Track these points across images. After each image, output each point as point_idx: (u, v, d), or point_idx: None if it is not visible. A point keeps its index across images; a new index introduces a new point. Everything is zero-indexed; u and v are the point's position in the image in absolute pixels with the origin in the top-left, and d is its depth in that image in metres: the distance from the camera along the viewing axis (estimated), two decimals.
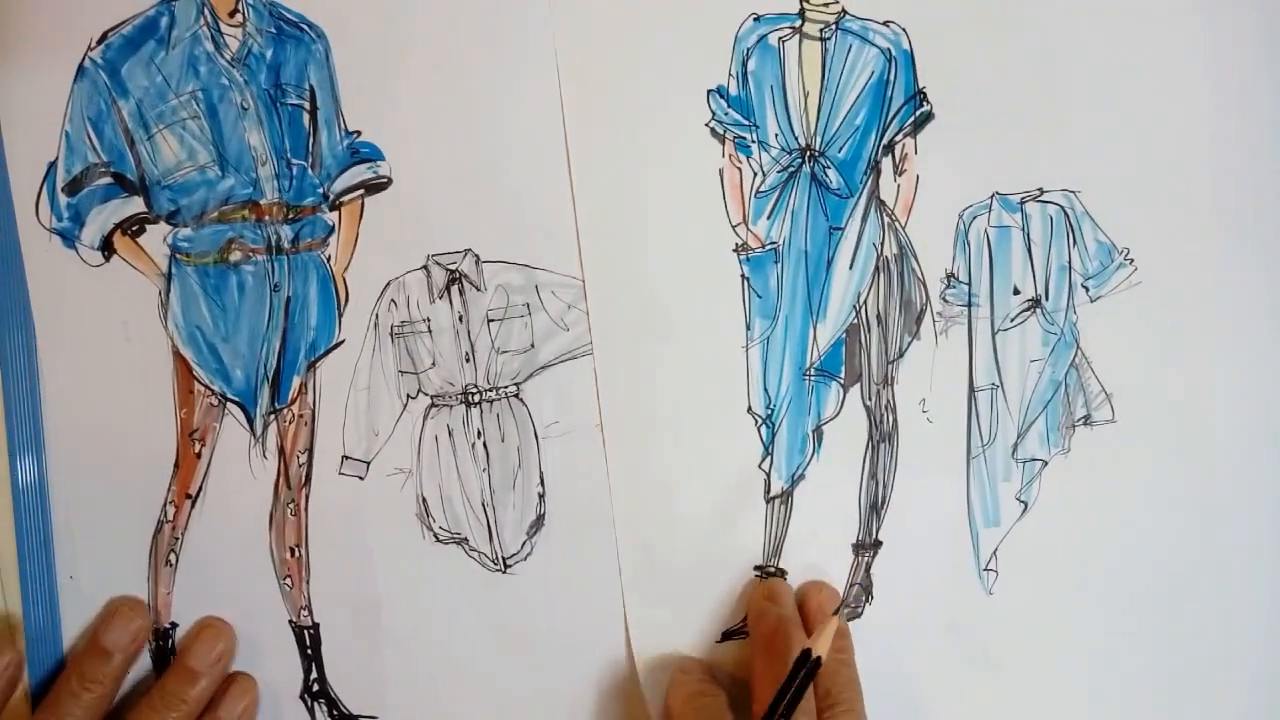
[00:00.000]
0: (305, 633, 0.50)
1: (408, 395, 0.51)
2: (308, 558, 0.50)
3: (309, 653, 0.51)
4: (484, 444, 0.51)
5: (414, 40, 0.49)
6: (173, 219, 0.50)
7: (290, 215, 0.50)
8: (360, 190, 0.50)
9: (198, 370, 0.50)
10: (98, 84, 0.49)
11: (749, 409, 0.51)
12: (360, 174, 0.50)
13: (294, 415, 0.50)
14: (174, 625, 0.50)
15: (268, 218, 0.50)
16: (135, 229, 0.50)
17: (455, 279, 0.50)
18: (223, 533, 0.50)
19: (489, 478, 0.51)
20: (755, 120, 0.50)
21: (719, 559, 0.51)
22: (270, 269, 0.50)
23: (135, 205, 0.50)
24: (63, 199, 0.49)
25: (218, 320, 0.50)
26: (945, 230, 0.51)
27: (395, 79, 0.50)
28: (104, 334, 0.50)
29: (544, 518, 0.50)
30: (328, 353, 0.50)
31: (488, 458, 0.51)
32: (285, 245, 0.50)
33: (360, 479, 0.50)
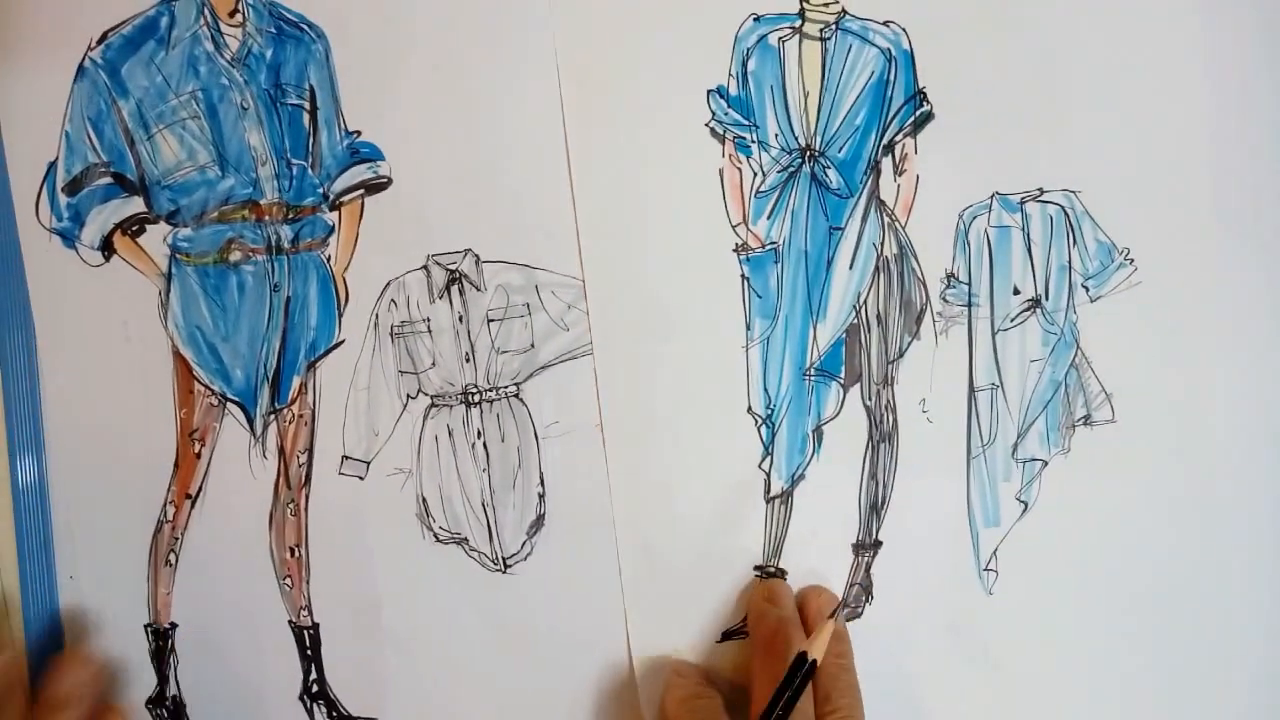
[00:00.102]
0: (305, 633, 0.50)
1: (408, 395, 0.51)
2: (308, 558, 0.50)
3: (309, 653, 0.50)
4: (484, 444, 0.51)
5: (414, 40, 0.49)
6: (173, 219, 0.50)
7: (290, 215, 0.50)
8: (360, 190, 0.50)
9: (198, 370, 0.50)
10: (98, 84, 0.49)
11: (749, 409, 0.51)
12: (360, 174, 0.50)
13: (294, 415, 0.50)
14: (174, 625, 0.50)
15: (268, 218, 0.50)
16: (135, 229, 0.50)
17: (455, 279, 0.50)
18: (223, 533, 0.50)
19: (489, 478, 0.51)
20: (755, 120, 0.50)
21: (719, 559, 0.51)
22: (270, 269, 0.50)
23: (135, 205, 0.50)
24: (63, 199, 0.49)
25: (218, 320, 0.50)
26: (945, 230, 0.51)
27: (395, 79, 0.50)
28: (104, 334, 0.50)
29: (544, 518, 0.50)
30: (328, 353, 0.50)
31: (488, 458, 0.51)
32: (285, 245, 0.50)
33: (360, 479, 0.50)
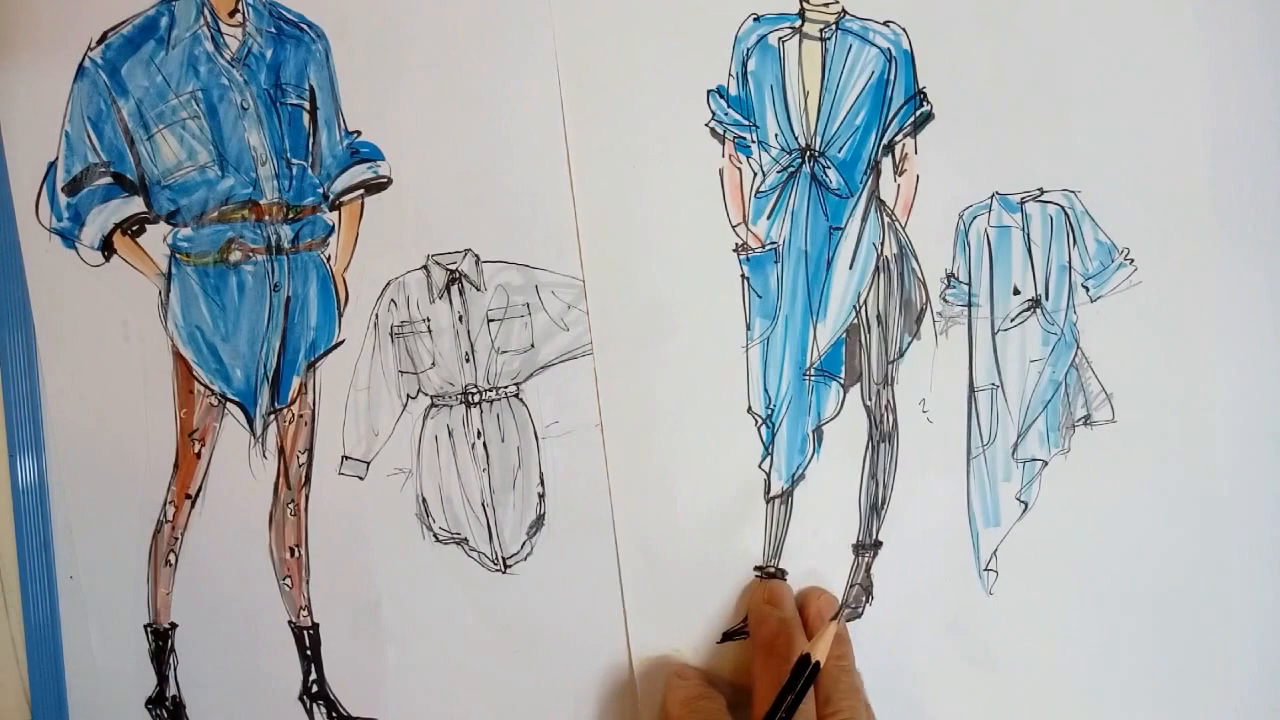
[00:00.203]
0: (305, 633, 0.50)
1: (408, 395, 0.51)
2: (307, 558, 0.50)
3: (308, 653, 0.50)
4: (484, 444, 0.51)
5: (414, 40, 0.49)
6: (173, 219, 0.50)
7: (290, 215, 0.50)
8: (360, 190, 0.50)
9: (198, 370, 0.50)
10: (98, 84, 0.49)
11: (749, 409, 0.51)
12: (360, 174, 0.50)
13: (294, 415, 0.50)
14: (174, 625, 0.50)
15: (268, 218, 0.50)
16: (135, 229, 0.50)
17: (455, 279, 0.50)
18: (223, 533, 0.50)
19: (489, 478, 0.51)
20: (755, 120, 0.50)
21: (719, 559, 0.51)
22: (270, 269, 0.50)
23: (135, 205, 0.50)
24: (63, 199, 0.49)
25: (218, 320, 0.50)
26: (945, 230, 0.51)
27: (395, 79, 0.50)
28: (104, 334, 0.50)
29: (544, 518, 0.50)
30: (328, 353, 0.50)
31: (488, 458, 0.51)
32: (285, 245, 0.50)
33: (360, 479, 0.50)
